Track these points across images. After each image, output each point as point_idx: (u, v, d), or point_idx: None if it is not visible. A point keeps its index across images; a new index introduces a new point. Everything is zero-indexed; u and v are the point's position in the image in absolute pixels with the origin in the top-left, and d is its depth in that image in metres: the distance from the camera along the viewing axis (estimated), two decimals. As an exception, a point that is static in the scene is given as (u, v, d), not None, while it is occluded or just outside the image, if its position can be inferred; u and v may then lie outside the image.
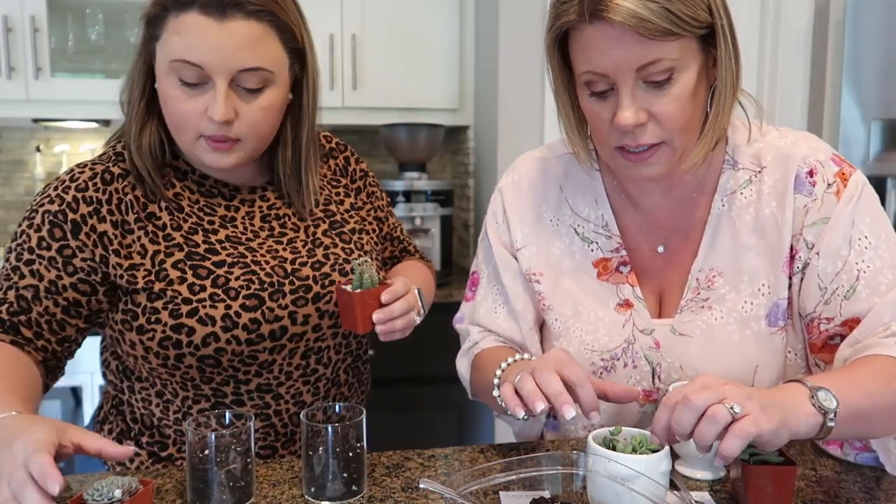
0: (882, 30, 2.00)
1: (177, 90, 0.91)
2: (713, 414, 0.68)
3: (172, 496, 0.83)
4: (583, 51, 0.84)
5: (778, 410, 0.70)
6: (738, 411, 0.68)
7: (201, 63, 0.88)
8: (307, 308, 0.99)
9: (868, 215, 0.89)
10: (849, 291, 0.88)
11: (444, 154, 2.85)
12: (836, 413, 0.72)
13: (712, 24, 0.83)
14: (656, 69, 0.81)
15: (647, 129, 0.85)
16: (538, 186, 1.04)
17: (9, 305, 0.91)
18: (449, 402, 2.12)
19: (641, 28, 0.78)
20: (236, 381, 0.98)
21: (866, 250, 0.88)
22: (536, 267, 1.03)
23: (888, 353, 0.81)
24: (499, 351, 1.03)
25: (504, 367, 0.93)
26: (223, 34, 0.88)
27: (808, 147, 0.93)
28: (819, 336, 0.91)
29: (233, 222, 1.01)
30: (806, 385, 0.74)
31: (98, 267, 0.93)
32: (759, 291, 0.93)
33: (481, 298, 1.08)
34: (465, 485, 0.74)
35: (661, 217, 0.98)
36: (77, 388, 1.99)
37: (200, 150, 0.94)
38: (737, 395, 0.70)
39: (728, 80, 0.85)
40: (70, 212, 0.92)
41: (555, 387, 0.79)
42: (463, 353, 1.10)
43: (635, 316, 0.97)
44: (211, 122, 0.91)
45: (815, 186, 0.90)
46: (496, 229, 1.07)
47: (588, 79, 0.85)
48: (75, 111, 2.21)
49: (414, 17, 2.41)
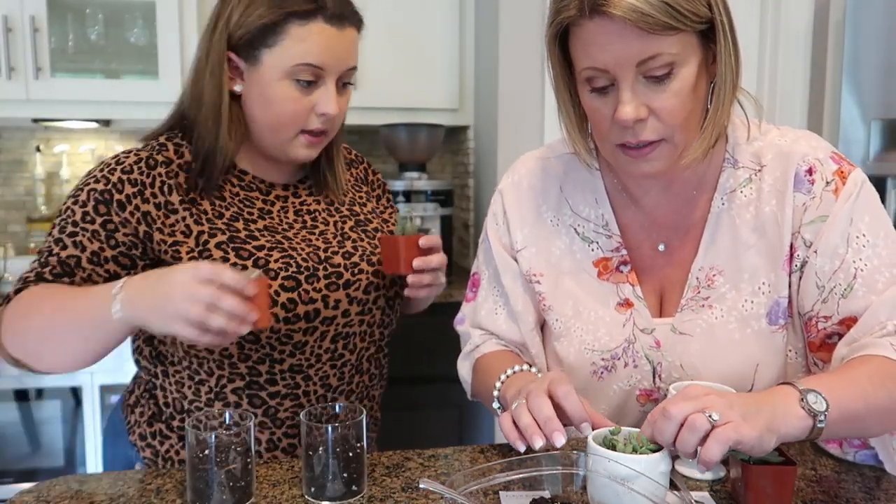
0: (882, 30, 2.00)
1: (293, 90, 0.99)
2: (692, 422, 0.69)
3: (172, 496, 0.83)
4: (583, 46, 0.84)
5: (762, 417, 0.70)
6: (716, 419, 0.68)
7: (322, 65, 0.99)
8: (338, 293, 1.04)
9: (867, 213, 0.89)
10: (846, 290, 0.88)
11: (444, 154, 2.85)
12: (826, 415, 0.72)
13: (712, 19, 0.83)
14: (656, 64, 0.82)
15: (647, 125, 0.85)
16: (538, 187, 1.04)
17: (52, 268, 0.96)
18: (449, 402, 2.12)
19: (641, 22, 0.78)
20: (272, 360, 1.02)
21: (864, 248, 0.88)
22: (537, 268, 1.03)
23: (883, 353, 0.81)
24: (500, 356, 1.04)
25: (504, 378, 0.95)
26: (342, 40, 1.00)
27: (807, 145, 0.93)
28: (817, 335, 0.91)
29: (269, 214, 1.07)
30: (797, 388, 0.74)
31: (140, 242, 0.99)
32: (759, 290, 0.93)
33: (482, 300, 1.09)
34: (465, 485, 0.74)
35: (661, 216, 0.98)
36: (77, 388, 1.99)
37: (297, 146, 1.03)
38: (718, 404, 0.70)
39: (727, 75, 0.85)
40: (116, 192, 0.98)
41: (546, 412, 0.80)
42: (464, 356, 1.10)
43: (636, 315, 0.97)
44: (320, 116, 1.01)
45: (813, 184, 0.90)
46: (496, 231, 1.07)
47: (589, 75, 0.85)
48: (75, 111, 2.20)
49: (414, 17, 2.41)
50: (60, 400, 1.99)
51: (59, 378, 1.98)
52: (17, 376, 1.96)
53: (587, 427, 0.81)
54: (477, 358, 1.06)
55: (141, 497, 0.83)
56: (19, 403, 1.99)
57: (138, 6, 2.28)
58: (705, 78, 0.87)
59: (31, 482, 1.94)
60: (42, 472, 2.01)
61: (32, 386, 1.98)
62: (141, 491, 0.85)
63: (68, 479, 0.88)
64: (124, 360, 1.98)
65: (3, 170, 2.55)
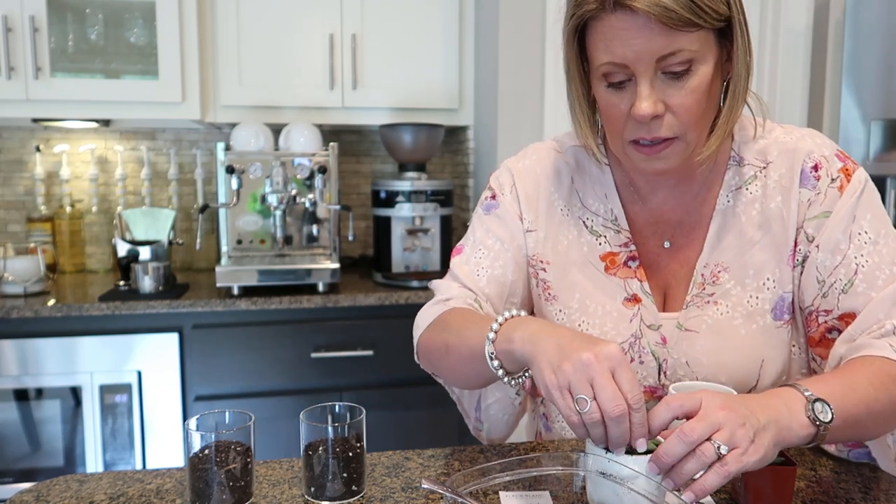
0: (882, 30, 2.00)
1: None
2: (702, 451, 0.67)
3: (172, 496, 0.83)
4: (603, 40, 0.83)
5: (770, 432, 0.69)
6: (724, 452, 0.66)
7: None
8: None
9: (869, 212, 0.90)
10: (846, 285, 0.88)
11: (444, 154, 2.85)
12: (829, 426, 0.72)
13: (730, 17, 0.83)
14: (676, 60, 0.82)
15: (662, 122, 0.85)
16: (551, 175, 1.04)
17: None
18: (449, 402, 2.12)
19: (664, 17, 0.78)
20: None
21: (865, 245, 0.88)
22: (544, 254, 1.03)
23: (883, 354, 0.81)
24: (478, 314, 0.95)
25: (501, 321, 0.82)
26: None
27: (813, 143, 0.94)
28: (817, 329, 0.91)
29: None
30: (803, 393, 0.74)
31: None
32: (764, 286, 0.93)
33: (467, 257, 1.05)
34: (465, 485, 0.74)
35: (667, 212, 0.99)
36: (77, 388, 1.99)
37: None
38: (732, 422, 0.67)
39: (743, 73, 0.86)
40: None
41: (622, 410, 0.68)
42: (433, 303, 1.02)
43: (643, 311, 0.97)
44: None
45: (819, 181, 0.91)
46: (504, 200, 1.05)
47: (607, 70, 0.85)
48: (75, 111, 2.20)
49: (414, 17, 2.41)
50: (60, 400, 1.99)
51: (59, 378, 1.98)
52: (17, 376, 1.96)
53: (643, 444, 0.71)
54: (447, 310, 0.97)
55: (141, 497, 0.83)
56: (19, 403, 1.99)
57: (138, 6, 2.28)
58: (719, 77, 0.87)
59: (31, 482, 1.95)
60: (42, 472, 2.01)
61: (32, 386, 1.98)
62: (141, 491, 0.85)
63: (68, 478, 0.88)
64: (124, 360, 1.99)
65: (3, 170, 2.55)
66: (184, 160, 2.65)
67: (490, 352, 0.81)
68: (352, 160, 2.79)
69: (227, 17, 2.30)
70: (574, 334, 0.75)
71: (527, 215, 1.03)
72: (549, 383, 0.71)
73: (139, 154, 2.61)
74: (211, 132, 2.67)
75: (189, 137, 2.66)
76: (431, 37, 2.43)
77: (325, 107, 2.39)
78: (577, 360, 0.70)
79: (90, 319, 1.99)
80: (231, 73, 2.32)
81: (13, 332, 1.96)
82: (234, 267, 2.08)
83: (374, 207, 2.37)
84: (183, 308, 2.01)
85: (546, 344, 0.74)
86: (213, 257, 2.57)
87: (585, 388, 0.69)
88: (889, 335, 0.83)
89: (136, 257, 2.22)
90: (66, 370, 1.98)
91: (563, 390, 0.70)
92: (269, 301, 2.04)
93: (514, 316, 0.83)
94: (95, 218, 2.53)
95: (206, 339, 2.05)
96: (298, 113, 2.37)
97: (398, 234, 2.32)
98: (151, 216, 2.38)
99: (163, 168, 2.63)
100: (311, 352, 2.09)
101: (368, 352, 2.10)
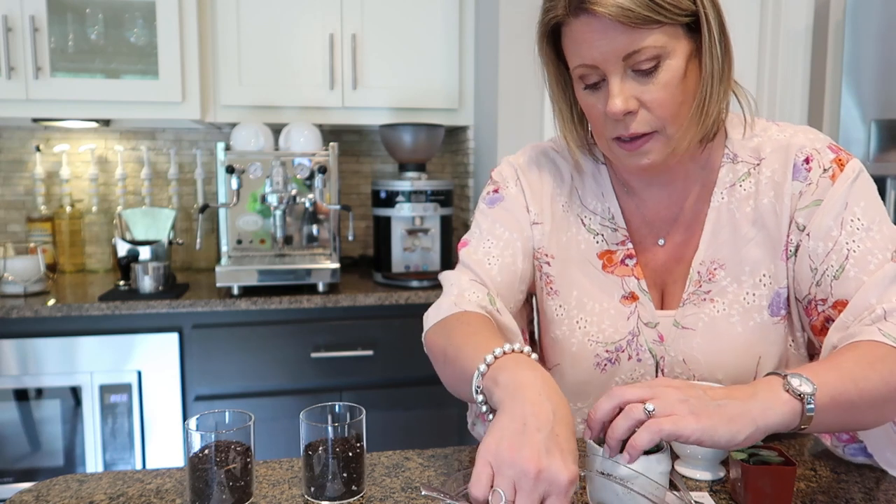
0: (882, 30, 2.00)
1: None
2: (628, 410, 0.69)
3: (172, 496, 0.83)
4: (573, 44, 0.87)
5: (724, 411, 0.68)
6: (650, 410, 0.67)
7: None
8: None
9: (863, 199, 0.89)
10: (838, 271, 0.88)
11: (444, 154, 2.85)
12: (814, 399, 0.70)
13: (696, 11, 0.84)
14: (642, 57, 0.83)
15: (638, 117, 0.86)
16: (553, 171, 1.05)
17: None
18: (449, 402, 2.12)
19: (623, 17, 0.80)
20: None
21: (857, 231, 0.88)
22: (549, 247, 1.03)
23: (871, 337, 0.79)
24: (481, 324, 0.89)
25: (498, 353, 0.76)
26: None
27: (805, 137, 0.94)
28: (818, 317, 0.91)
29: None
30: (780, 375, 0.73)
31: None
32: (760, 282, 0.93)
33: (475, 245, 1.04)
34: (464, 485, 0.74)
35: (662, 210, 0.99)
36: (77, 388, 1.99)
37: None
38: (671, 396, 0.68)
39: (713, 66, 0.86)
40: None
41: None
42: (445, 297, 0.98)
43: (640, 308, 0.98)
44: None
45: (810, 172, 0.91)
46: (510, 192, 1.04)
47: (581, 72, 0.88)
48: (75, 111, 2.20)
49: (414, 17, 2.41)
50: (60, 400, 1.99)
51: (59, 378, 1.98)
52: (17, 376, 1.96)
53: None
54: (457, 313, 0.93)
55: (141, 497, 0.83)
56: (19, 403, 1.99)
57: (138, 6, 2.28)
58: (697, 70, 0.87)
59: (31, 482, 1.95)
60: (42, 472, 2.01)
61: (32, 386, 1.98)
62: (141, 491, 0.85)
63: (68, 478, 0.88)
64: (124, 360, 1.99)
65: (3, 169, 2.55)
66: (184, 160, 2.65)
67: (477, 385, 0.76)
68: (352, 160, 2.79)
69: (227, 16, 2.30)
70: (548, 416, 0.66)
71: (532, 207, 1.04)
72: (485, 450, 0.65)
73: (139, 154, 2.61)
74: (211, 132, 2.67)
75: (189, 137, 2.66)
76: (431, 37, 2.43)
77: (325, 107, 2.39)
78: (519, 464, 0.63)
79: (90, 319, 1.99)
80: (231, 72, 2.32)
81: (13, 331, 1.96)
82: (234, 267, 2.08)
83: (374, 207, 2.37)
84: (183, 308, 2.01)
85: (517, 408, 0.67)
86: (213, 257, 2.57)
87: (509, 488, 0.63)
88: (880, 320, 0.82)
89: (136, 257, 2.23)
90: (66, 370, 1.98)
91: (488, 468, 0.65)
92: (269, 301, 2.04)
93: (512, 351, 0.76)
94: (95, 218, 2.53)
95: (206, 339, 2.05)
96: (298, 113, 2.37)
97: (398, 234, 2.32)
98: (151, 216, 2.38)
99: (163, 168, 2.64)
100: (311, 352, 2.09)
101: (368, 352, 2.11)
